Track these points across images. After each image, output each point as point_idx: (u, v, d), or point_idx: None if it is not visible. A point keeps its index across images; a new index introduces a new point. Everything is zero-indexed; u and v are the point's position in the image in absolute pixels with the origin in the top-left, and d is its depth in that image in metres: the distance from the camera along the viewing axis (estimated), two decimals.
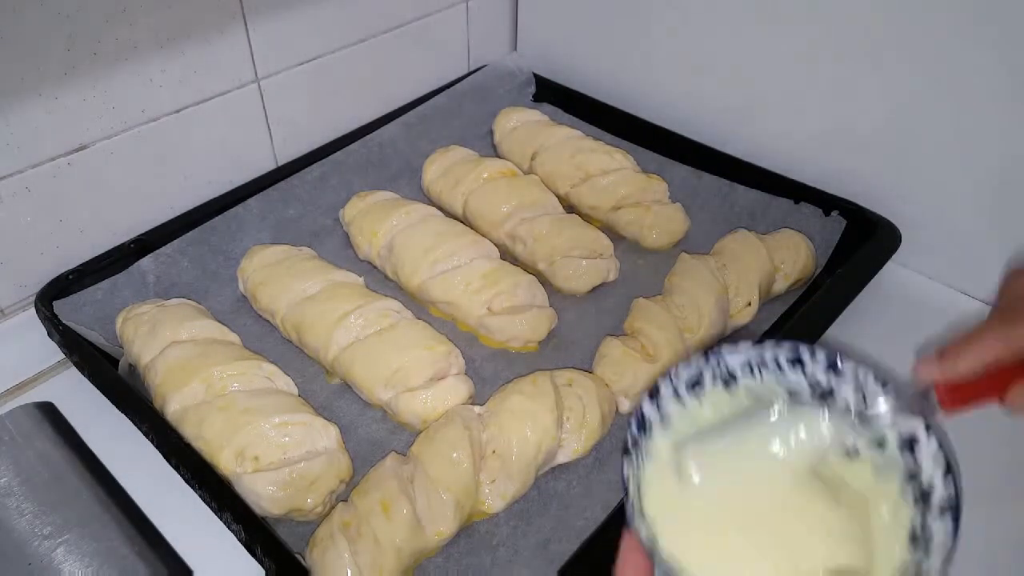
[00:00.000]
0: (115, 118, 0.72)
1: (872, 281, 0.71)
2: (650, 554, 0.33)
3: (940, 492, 0.33)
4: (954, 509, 0.33)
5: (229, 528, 0.52)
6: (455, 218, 0.81)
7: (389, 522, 0.52)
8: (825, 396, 0.38)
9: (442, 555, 0.55)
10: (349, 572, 0.51)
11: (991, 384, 0.37)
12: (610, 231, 0.82)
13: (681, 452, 0.36)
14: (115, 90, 0.71)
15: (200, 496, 0.54)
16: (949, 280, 0.78)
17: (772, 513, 0.35)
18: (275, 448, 0.57)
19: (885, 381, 0.36)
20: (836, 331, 0.67)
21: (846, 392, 0.37)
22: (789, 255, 0.75)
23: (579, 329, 0.73)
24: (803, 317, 0.68)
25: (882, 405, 0.36)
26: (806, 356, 0.38)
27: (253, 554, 0.51)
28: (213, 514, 0.53)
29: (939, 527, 0.33)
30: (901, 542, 0.33)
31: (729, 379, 0.39)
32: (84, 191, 0.73)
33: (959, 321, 0.44)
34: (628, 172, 0.84)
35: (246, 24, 0.78)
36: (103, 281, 0.72)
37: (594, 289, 0.77)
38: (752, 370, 0.39)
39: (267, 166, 0.88)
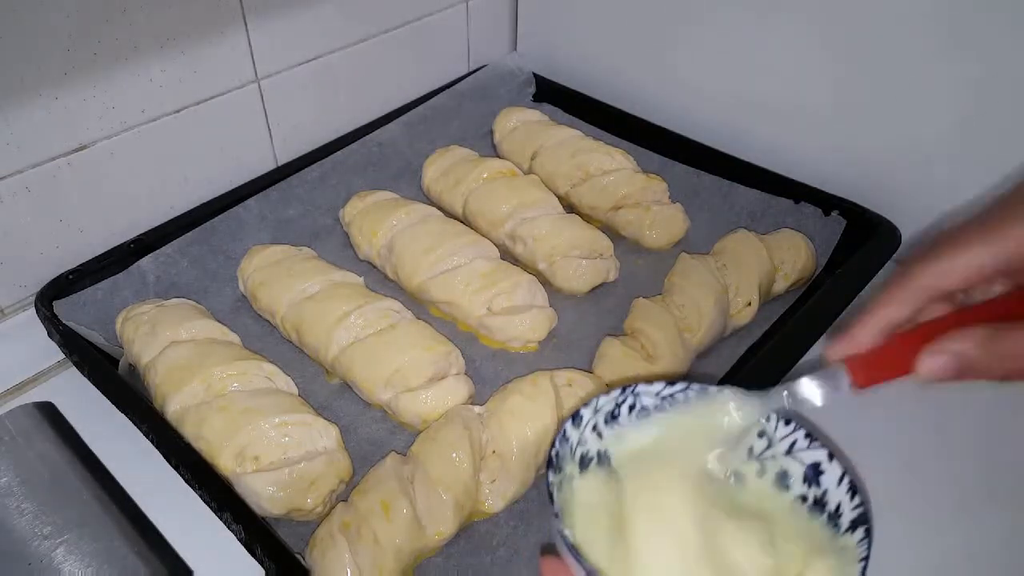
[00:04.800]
0: (115, 118, 0.72)
1: (872, 281, 0.71)
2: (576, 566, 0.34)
3: (848, 511, 0.37)
4: (865, 523, 0.36)
5: (229, 528, 0.52)
6: (455, 218, 0.81)
7: (389, 522, 0.52)
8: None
9: (442, 555, 0.55)
10: (349, 572, 0.51)
11: (900, 356, 0.37)
12: (610, 231, 0.82)
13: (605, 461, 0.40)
14: (115, 90, 0.71)
15: (200, 496, 0.54)
16: None
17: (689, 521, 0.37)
18: (275, 448, 0.57)
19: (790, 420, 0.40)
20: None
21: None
22: (789, 255, 0.75)
23: (579, 329, 0.73)
24: (803, 317, 0.68)
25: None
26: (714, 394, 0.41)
27: (253, 554, 0.51)
28: (213, 514, 0.53)
29: (850, 540, 0.36)
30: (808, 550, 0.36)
31: (642, 412, 0.42)
32: (84, 191, 0.73)
33: None
34: (628, 172, 0.84)
35: (246, 24, 0.78)
36: (103, 281, 0.71)
37: (594, 289, 0.77)
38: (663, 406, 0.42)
39: (267, 166, 0.88)
